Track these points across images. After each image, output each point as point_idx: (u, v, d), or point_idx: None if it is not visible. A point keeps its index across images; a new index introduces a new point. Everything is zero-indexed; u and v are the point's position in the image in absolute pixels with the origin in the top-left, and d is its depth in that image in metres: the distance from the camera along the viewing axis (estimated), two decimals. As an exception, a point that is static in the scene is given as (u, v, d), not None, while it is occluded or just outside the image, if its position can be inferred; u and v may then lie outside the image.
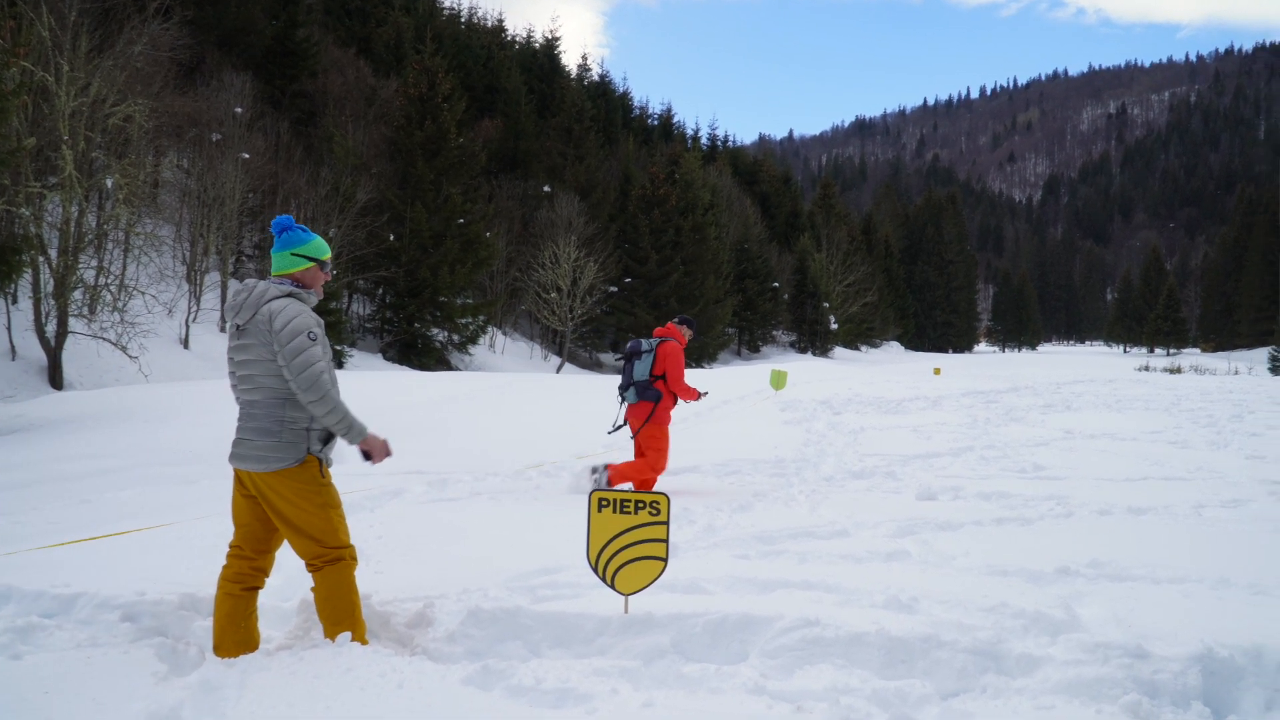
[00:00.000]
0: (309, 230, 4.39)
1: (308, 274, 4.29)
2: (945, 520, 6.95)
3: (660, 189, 51.74)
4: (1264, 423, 14.08)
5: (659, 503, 4.41)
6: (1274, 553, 5.58)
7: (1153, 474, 9.41)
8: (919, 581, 5.04)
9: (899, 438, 12.54)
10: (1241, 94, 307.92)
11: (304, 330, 4.04)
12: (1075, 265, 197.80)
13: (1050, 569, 5.36)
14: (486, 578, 5.16)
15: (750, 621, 4.23)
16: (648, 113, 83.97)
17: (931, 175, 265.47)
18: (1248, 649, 3.89)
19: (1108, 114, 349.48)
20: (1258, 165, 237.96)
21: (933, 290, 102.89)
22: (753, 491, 8.29)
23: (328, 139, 37.99)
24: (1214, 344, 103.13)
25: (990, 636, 4.05)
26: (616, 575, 4.43)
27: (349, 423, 4.08)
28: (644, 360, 8.50)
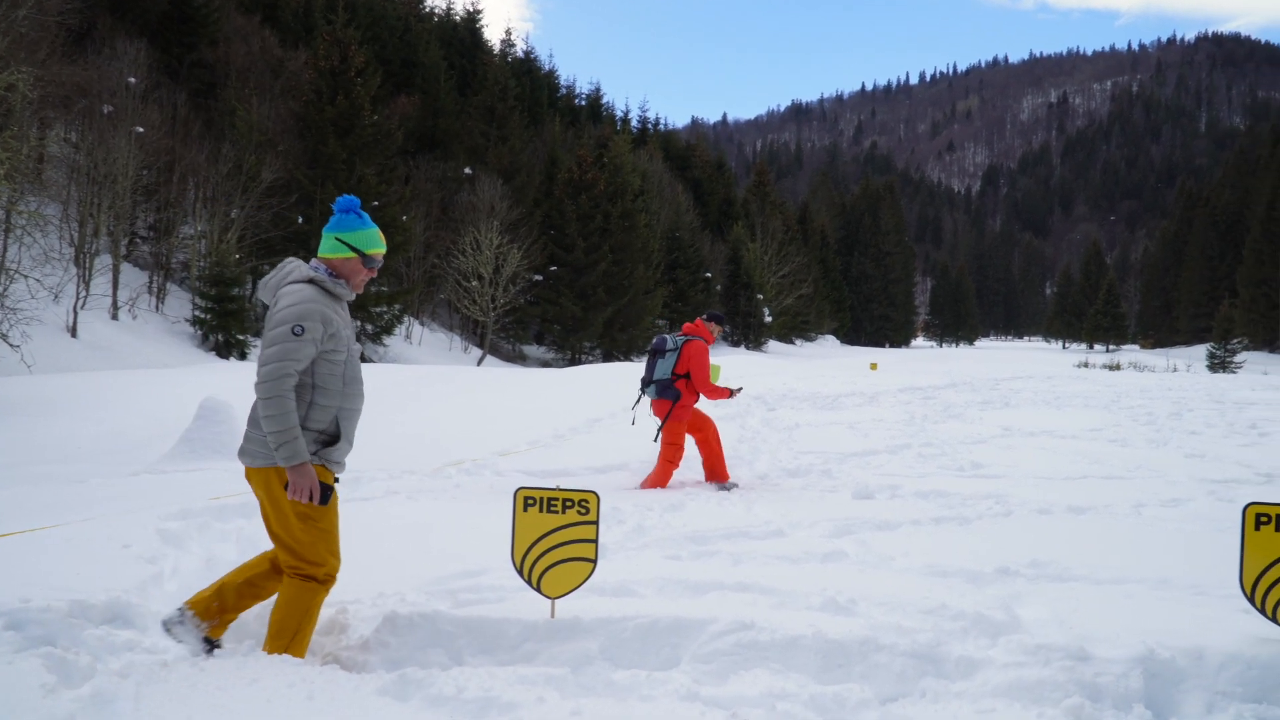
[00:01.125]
0: (368, 219, 4.29)
1: (346, 264, 4.20)
2: (883, 520, 7.05)
3: (588, 173, 51.64)
4: (1203, 420, 14.55)
5: (588, 501, 4.40)
6: (1214, 553, 5.77)
7: (1092, 472, 9.67)
8: (857, 583, 5.11)
9: (835, 434, 12.71)
10: (1184, 85, 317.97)
11: (291, 321, 3.94)
12: (1014, 258, 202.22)
13: (990, 569, 5.47)
14: (404, 581, 5.10)
15: (682, 625, 4.25)
16: (575, 92, 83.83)
17: (869, 163, 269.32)
18: (1189, 650, 4.02)
19: (1049, 103, 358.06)
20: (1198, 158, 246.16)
21: (870, 283, 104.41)
22: (684, 490, 8.33)
23: (230, 113, 37.18)
24: (1153, 340, 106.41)
25: (929, 639, 4.12)
26: (543, 578, 4.42)
27: (287, 440, 3.88)
28: (667, 359, 8.72)
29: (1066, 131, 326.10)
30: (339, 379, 4.09)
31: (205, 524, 6.32)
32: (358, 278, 4.25)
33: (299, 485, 3.91)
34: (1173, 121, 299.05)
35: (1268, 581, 4.10)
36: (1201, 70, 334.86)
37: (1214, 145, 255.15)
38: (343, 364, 4.09)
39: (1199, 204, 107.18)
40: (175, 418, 11.97)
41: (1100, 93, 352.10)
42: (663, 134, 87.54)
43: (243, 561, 4.62)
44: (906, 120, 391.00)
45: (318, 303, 4.01)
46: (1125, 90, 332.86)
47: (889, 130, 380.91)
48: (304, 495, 3.92)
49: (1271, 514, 4.11)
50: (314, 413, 4.03)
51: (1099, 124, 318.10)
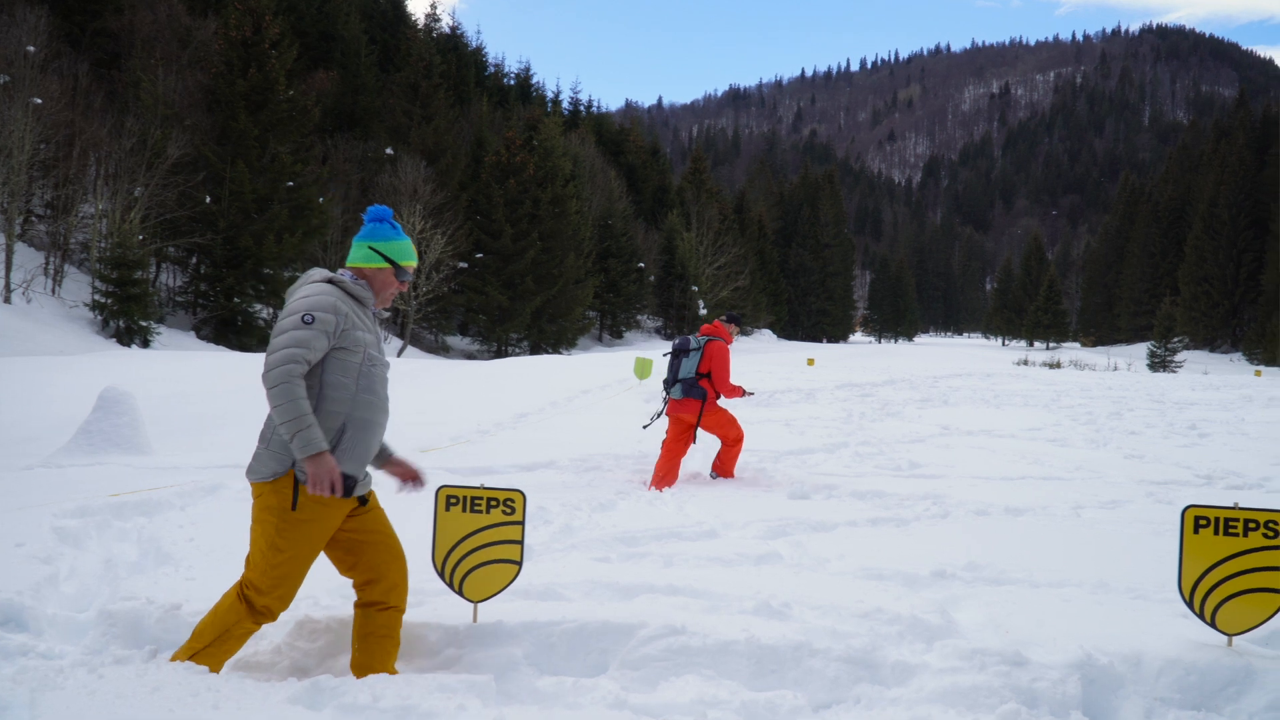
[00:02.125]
0: (401, 230, 4.23)
1: (379, 274, 4.14)
2: (819, 520, 7.13)
3: (517, 156, 51.39)
4: (1143, 421, 14.94)
5: (513, 500, 4.39)
6: (1153, 556, 5.93)
7: (1031, 473, 9.87)
8: (791, 586, 5.16)
9: (770, 432, 12.80)
10: (1127, 77, 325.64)
11: (300, 311, 3.84)
12: (954, 252, 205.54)
13: (926, 572, 5.57)
14: (317, 584, 5.02)
15: (611, 630, 4.26)
16: (504, 71, 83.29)
17: (808, 151, 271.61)
18: (1127, 656, 4.13)
19: (990, 93, 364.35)
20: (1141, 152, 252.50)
21: (808, 275, 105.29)
22: (615, 489, 8.35)
23: (134, 85, 36.33)
24: (1094, 338, 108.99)
25: (864, 644, 4.18)
26: (465, 580, 4.39)
27: (300, 429, 3.71)
28: (691, 358, 9.34)
29: (1008, 123, 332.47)
30: (350, 384, 3.94)
31: (105, 522, 6.18)
32: (389, 290, 4.19)
33: (318, 477, 3.74)
34: (1116, 115, 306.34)
35: (1206, 585, 4.22)
36: (1145, 63, 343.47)
37: (1157, 140, 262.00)
38: (356, 368, 3.95)
39: (1141, 199, 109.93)
40: (73, 409, 11.69)
41: (1043, 84, 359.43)
42: (595, 117, 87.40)
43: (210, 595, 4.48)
44: (847, 108, 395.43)
45: (333, 297, 3.92)
46: (1068, 82, 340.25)
47: (829, 118, 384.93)
48: (324, 488, 3.75)
49: (1210, 517, 4.24)
50: (318, 419, 3.88)
51: (1041, 116, 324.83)
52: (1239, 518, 4.19)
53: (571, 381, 18.88)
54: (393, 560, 4.13)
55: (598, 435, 11.84)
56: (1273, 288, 76.39)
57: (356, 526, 4.11)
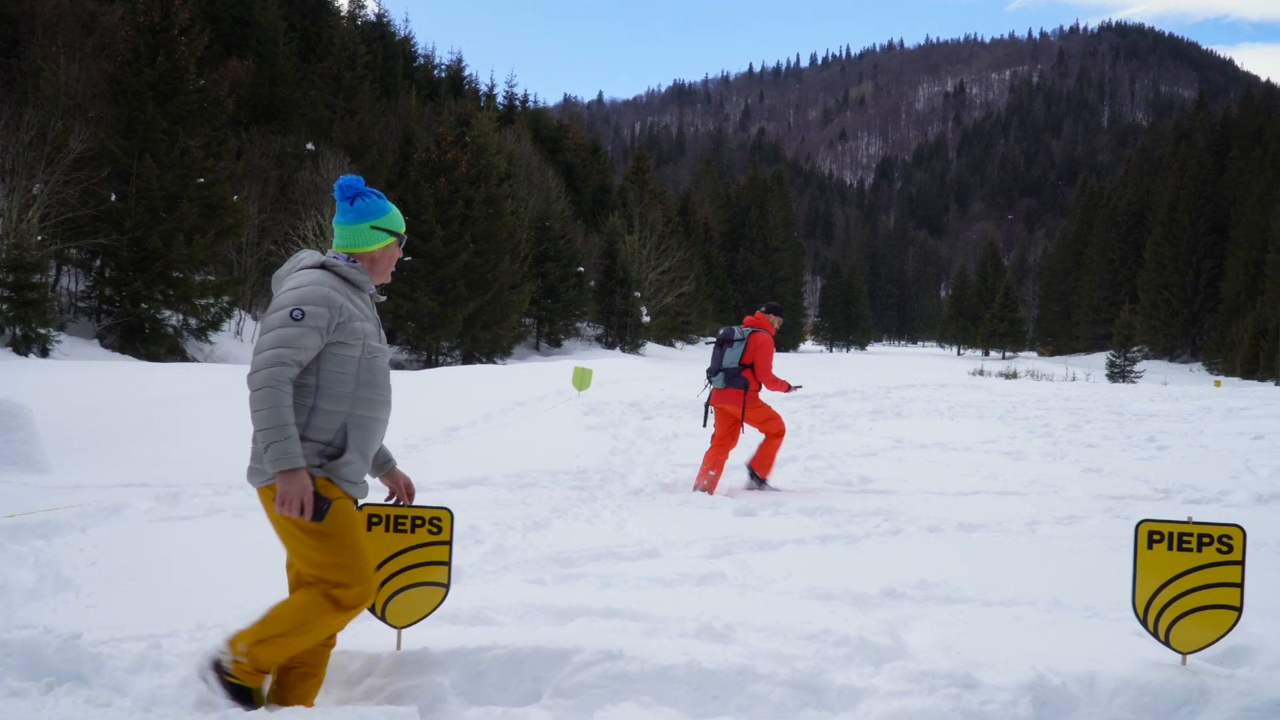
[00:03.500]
0: (384, 196, 4.09)
1: (385, 252, 4.07)
2: (765, 538, 7.18)
3: (448, 153, 51.15)
4: (1101, 433, 15.21)
5: (440, 519, 4.37)
6: (1109, 573, 6.03)
7: (986, 487, 10.03)
8: (735, 607, 5.20)
9: (716, 446, 12.84)
10: (1086, 77, 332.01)
11: (289, 306, 3.71)
12: (908, 257, 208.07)
13: (876, 591, 5.63)
14: (228, 611, 4.97)
15: (544, 656, 4.26)
16: (434, 63, 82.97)
17: (757, 151, 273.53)
18: (1080, 676, 4.21)
19: (945, 92, 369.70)
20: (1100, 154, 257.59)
21: (756, 281, 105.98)
22: (551, 506, 8.34)
23: (34, 74, 35.63)
24: (1051, 348, 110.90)
25: (810, 667, 4.22)
26: (388, 605, 4.36)
27: (276, 440, 3.60)
28: (735, 348, 9.98)
29: (963, 123, 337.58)
30: (349, 379, 3.83)
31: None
32: (391, 265, 4.13)
33: (287, 495, 3.60)
34: (1074, 115, 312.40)
35: (1161, 602, 4.32)
36: (1104, 62, 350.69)
37: (1116, 142, 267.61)
38: (355, 361, 3.84)
39: (1100, 204, 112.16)
40: (-39, 423, 11.41)
41: (999, 83, 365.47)
42: (532, 112, 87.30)
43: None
44: (797, 106, 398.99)
45: (326, 286, 3.79)
46: (1025, 81, 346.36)
47: (778, 116, 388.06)
48: (292, 508, 3.60)
49: (1164, 531, 4.34)
50: (316, 419, 3.78)
51: (997, 116, 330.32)
52: (1193, 532, 4.30)
53: (506, 393, 18.83)
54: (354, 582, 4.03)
55: (534, 450, 11.83)
56: (1232, 296, 78.34)
57: None
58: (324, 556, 3.76)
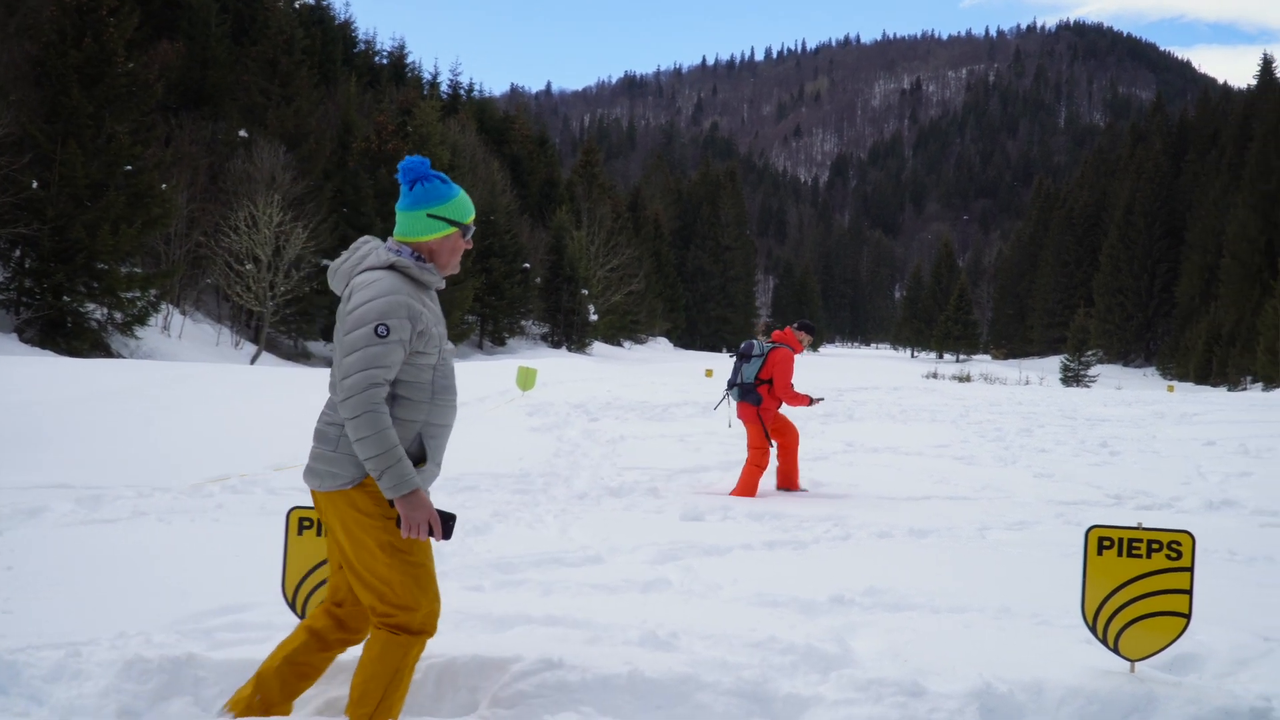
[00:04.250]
0: (450, 181, 3.96)
1: (445, 243, 3.91)
2: (712, 544, 7.22)
3: (389, 143, 50.82)
4: (1053, 438, 15.44)
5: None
6: (1059, 579, 6.13)
7: (937, 492, 10.15)
8: (680, 614, 5.22)
9: (664, 448, 12.90)
10: (1043, 76, 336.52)
11: (372, 321, 3.58)
12: (863, 257, 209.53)
13: (824, 598, 5.68)
14: (150, 619, 4.93)
15: (481, 665, 4.25)
16: (375, 49, 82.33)
17: (709, 146, 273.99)
18: (1028, 684, 4.27)
19: (901, 89, 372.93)
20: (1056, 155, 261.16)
21: (707, 280, 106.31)
22: (491, 510, 8.32)
23: (-50, 53, 34.98)
24: (1005, 351, 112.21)
25: (756, 675, 4.24)
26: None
27: (389, 465, 3.51)
28: (753, 363, 10.21)
29: (919, 121, 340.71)
30: (427, 388, 3.75)
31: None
32: (456, 257, 3.97)
33: (414, 520, 3.55)
34: (1030, 115, 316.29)
35: (1110, 609, 4.39)
36: (1062, 61, 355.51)
37: (1073, 143, 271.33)
38: (432, 369, 3.77)
39: (1055, 205, 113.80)
40: None
41: (955, 81, 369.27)
42: (478, 102, 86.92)
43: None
44: (750, 100, 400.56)
45: (402, 294, 3.66)
46: (981, 80, 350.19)
47: (731, 110, 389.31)
48: (420, 531, 3.56)
49: (1114, 538, 4.41)
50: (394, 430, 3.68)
51: (953, 115, 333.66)
52: (1143, 538, 4.38)
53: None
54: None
55: (474, 452, 11.77)
56: (1187, 300, 79.71)
57: None
58: (395, 574, 3.66)
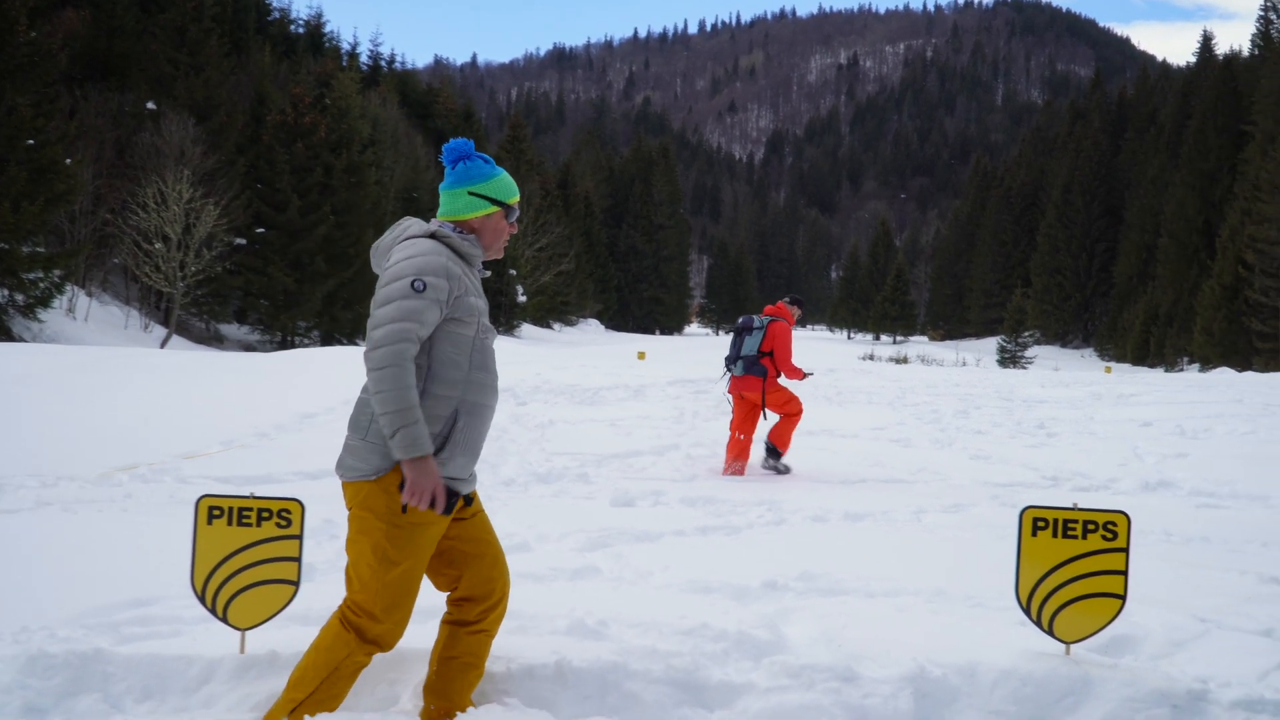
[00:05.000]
0: (493, 162, 3.96)
1: (488, 222, 3.90)
2: (644, 530, 7.25)
3: (305, 116, 50.15)
4: (990, 420, 15.67)
5: (289, 511, 4.29)
6: (994, 561, 6.22)
7: (872, 475, 10.27)
8: (610, 602, 5.23)
9: (594, 433, 12.90)
10: (980, 53, 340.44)
11: (409, 275, 3.58)
12: (799, 237, 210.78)
13: (757, 583, 5.72)
14: (55, 612, 4.86)
15: (402, 657, 4.22)
16: (290, 18, 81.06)
17: (641, 121, 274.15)
18: (962, 667, 4.33)
19: (838, 64, 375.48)
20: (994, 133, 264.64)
21: (640, 259, 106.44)
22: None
23: None
24: (943, 332, 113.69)
25: (687, 663, 4.26)
26: (230, 605, 4.28)
27: (405, 424, 3.48)
28: (754, 336, 10.71)
29: (856, 97, 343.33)
30: (464, 361, 3.72)
31: None
32: (501, 238, 3.97)
33: (419, 485, 3.50)
34: (968, 92, 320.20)
35: (1044, 591, 4.46)
36: (999, 38, 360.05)
37: (1010, 120, 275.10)
38: (469, 341, 3.74)
39: (993, 184, 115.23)
40: None
41: (893, 56, 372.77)
42: (399, 74, 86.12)
43: None
44: (684, 75, 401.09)
45: (443, 256, 3.68)
46: (919, 55, 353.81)
47: (664, 85, 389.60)
48: (423, 499, 3.51)
49: (1049, 518, 4.48)
50: (426, 404, 3.65)
51: (890, 91, 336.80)
52: (1078, 519, 4.44)
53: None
54: (498, 576, 3.97)
55: (396, 437, 11.69)
56: (1125, 280, 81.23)
57: (459, 533, 3.91)
58: (372, 579, 3.67)
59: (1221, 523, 8.26)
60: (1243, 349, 56.04)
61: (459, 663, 3.92)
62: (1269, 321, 54.78)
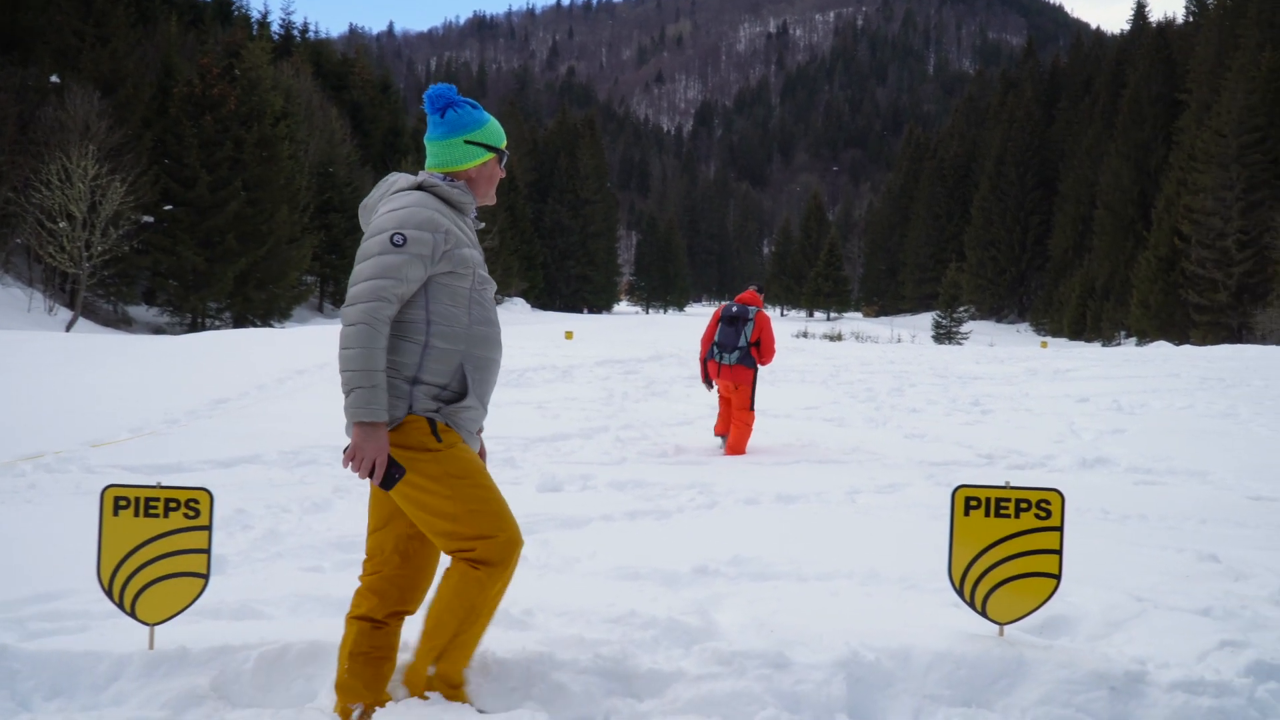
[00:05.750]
0: (480, 106, 3.87)
1: (482, 171, 3.87)
2: (571, 515, 7.25)
3: (214, 88, 49.39)
4: (924, 397, 15.86)
5: (197, 501, 4.22)
6: (928, 541, 6.29)
7: (806, 456, 10.35)
8: (535, 590, 5.22)
9: (520, 416, 12.87)
10: (911, 21, 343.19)
11: (389, 229, 3.53)
12: (730, 211, 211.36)
13: (688, 569, 5.74)
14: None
15: (321, 652, 4.18)
16: (199, -15, 79.77)
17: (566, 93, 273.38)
18: (895, 651, 4.37)
19: (767, 33, 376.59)
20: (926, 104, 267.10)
21: (566, 236, 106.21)
22: (333, 486, 8.20)
23: None
24: (877, 308, 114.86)
25: (615, 652, 4.26)
26: (139, 599, 4.21)
27: (363, 384, 3.45)
28: (748, 326, 11.01)
29: (786, 67, 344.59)
30: (462, 314, 3.67)
31: None
32: (493, 186, 3.95)
33: (362, 450, 3.47)
34: (899, 62, 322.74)
35: (977, 571, 4.50)
36: (931, 5, 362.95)
37: (943, 91, 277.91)
38: (466, 294, 3.69)
39: (926, 155, 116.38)
40: None
41: (823, 25, 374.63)
42: (313, 44, 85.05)
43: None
44: (609, 44, 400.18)
45: (429, 208, 3.61)
46: (849, 23, 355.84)
47: (589, 55, 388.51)
48: (363, 466, 3.47)
49: (982, 497, 4.52)
50: (430, 359, 3.62)
51: (821, 60, 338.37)
52: (1011, 498, 4.49)
53: (284, 360, 18.39)
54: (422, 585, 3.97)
55: (314, 424, 11.56)
56: (1060, 253, 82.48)
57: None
58: (457, 506, 3.63)
59: (1159, 499, 8.40)
60: (1180, 322, 57.07)
61: (370, 657, 3.88)
62: (1206, 294, 55.83)
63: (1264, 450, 11.02)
